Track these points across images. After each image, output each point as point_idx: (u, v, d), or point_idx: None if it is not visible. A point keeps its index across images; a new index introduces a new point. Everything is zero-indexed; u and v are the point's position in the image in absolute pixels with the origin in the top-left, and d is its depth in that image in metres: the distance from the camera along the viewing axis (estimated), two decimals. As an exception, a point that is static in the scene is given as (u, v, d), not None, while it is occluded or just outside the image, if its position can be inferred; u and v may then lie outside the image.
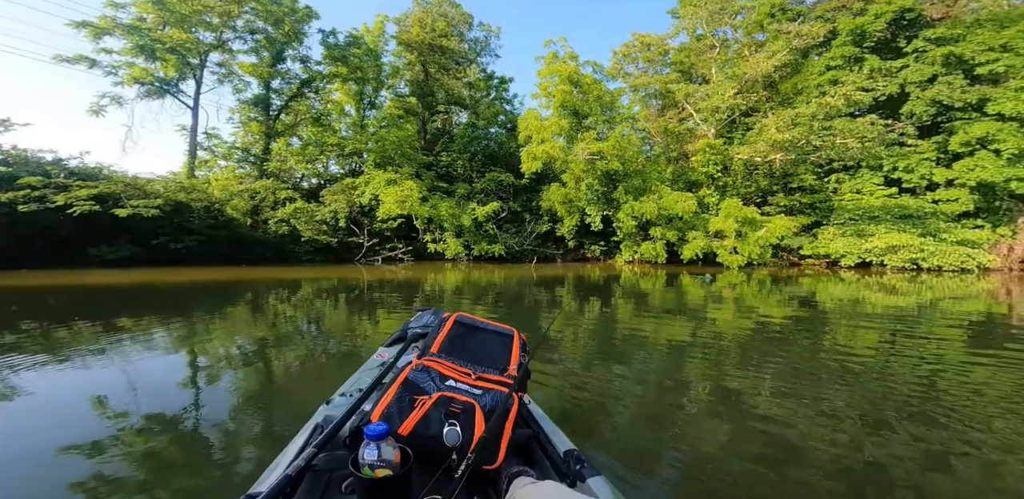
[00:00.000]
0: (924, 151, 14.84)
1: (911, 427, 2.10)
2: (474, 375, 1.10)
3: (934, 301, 7.19)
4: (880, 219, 13.98)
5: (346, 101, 19.85)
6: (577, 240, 17.36)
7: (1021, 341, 4.23)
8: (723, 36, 20.04)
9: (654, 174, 16.84)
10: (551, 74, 17.22)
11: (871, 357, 3.57)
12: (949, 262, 12.59)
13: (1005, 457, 1.83)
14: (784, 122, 15.17)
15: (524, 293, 8.42)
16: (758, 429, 2.08)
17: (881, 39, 16.52)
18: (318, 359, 3.47)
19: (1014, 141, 12.85)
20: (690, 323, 5.18)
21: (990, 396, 2.59)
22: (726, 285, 9.58)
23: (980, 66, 14.37)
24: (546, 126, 17.04)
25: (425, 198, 17.00)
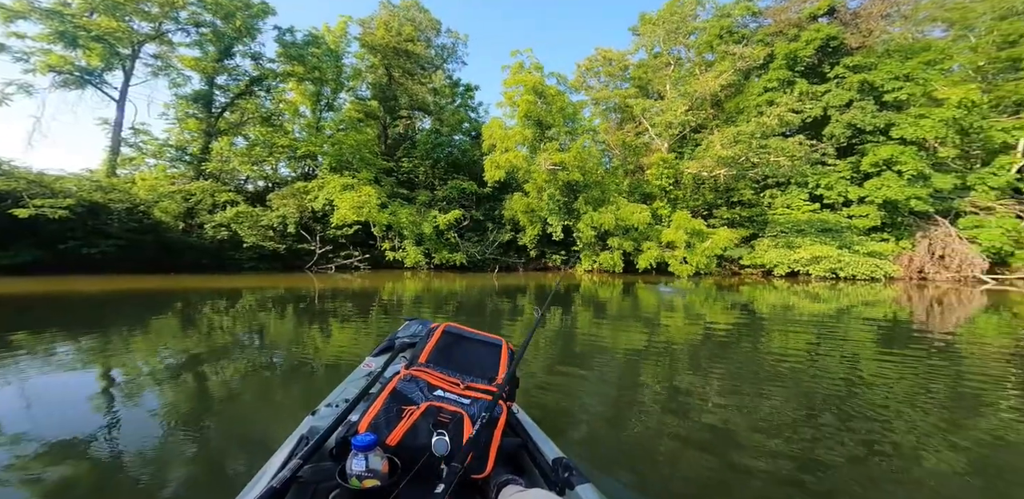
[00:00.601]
0: (841, 170, 16.17)
1: (836, 419, 2.43)
2: (462, 385, 1.09)
3: (850, 307, 7.93)
4: (806, 232, 15.14)
5: (301, 101, 18.88)
6: (539, 249, 17.62)
7: (919, 341, 4.92)
8: (677, 55, 21.07)
9: (612, 186, 17.48)
10: (516, 84, 17.36)
11: (801, 358, 4.00)
12: (861, 272, 13.83)
13: (915, 439, 2.17)
14: (728, 139, 16.32)
15: (486, 302, 8.19)
16: (717, 427, 2.30)
17: (810, 64, 17.89)
18: (260, 374, 3.22)
19: (913, 163, 14.33)
20: (647, 330, 5.44)
21: (898, 389, 3.02)
22: (680, 295, 9.92)
23: (887, 93, 15.80)
24: (510, 135, 17.19)
25: (384, 204, 16.53)
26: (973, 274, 13.82)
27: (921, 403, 2.73)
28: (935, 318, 6.77)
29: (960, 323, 6.38)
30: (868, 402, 2.70)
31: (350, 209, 15.01)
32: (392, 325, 5.59)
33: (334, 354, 3.91)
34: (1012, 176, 15.13)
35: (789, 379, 3.22)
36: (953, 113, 14.14)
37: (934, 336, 5.25)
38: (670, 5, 20.22)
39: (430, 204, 17.90)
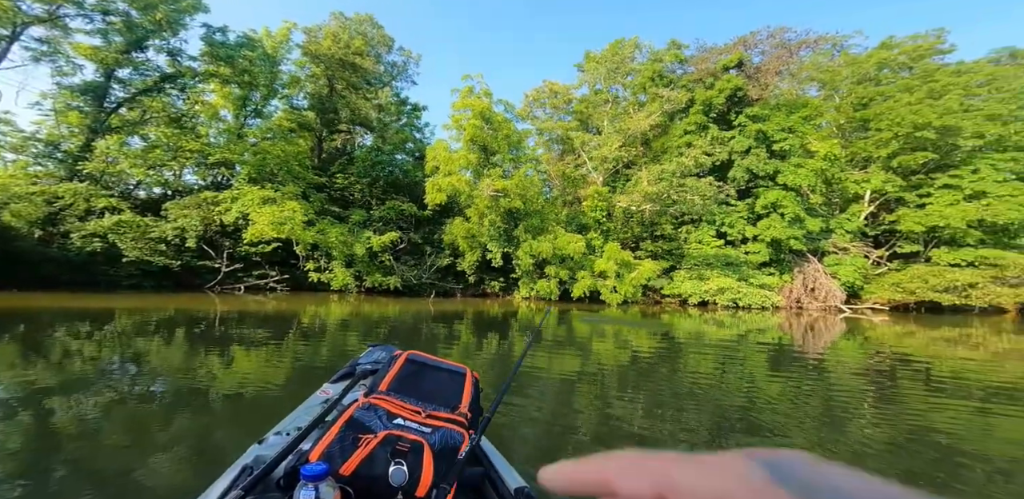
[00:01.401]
0: (741, 210, 18.49)
1: (740, 431, 2.87)
2: (424, 413, 1.06)
3: (747, 332, 9.12)
4: (713, 265, 17.03)
5: (223, 105, 17.00)
6: (478, 275, 17.58)
7: (798, 360, 5.94)
8: (615, 93, 22.56)
9: (551, 215, 18.19)
10: (465, 107, 17.37)
11: (710, 377, 4.61)
12: (755, 301, 15.91)
13: (813, 446, 2.64)
14: (653, 176, 18.09)
15: (421, 328, 7.96)
16: (646, 437, 2.62)
17: (721, 111, 20.02)
18: (139, 408, 2.87)
19: (792, 207, 16.96)
20: (580, 355, 5.78)
21: (785, 402, 3.65)
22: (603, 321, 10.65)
23: (776, 143, 18.01)
24: (455, 158, 17.10)
25: (311, 222, 15.32)
26: (835, 304, 16.65)
27: (801, 411, 3.43)
28: (809, 341, 8.07)
29: (826, 345, 7.65)
30: (761, 412, 3.29)
31: (269, 225, 13.65)
32: (312, 352, 5.22)
33: (235, 384, 3.54)
34: (861, 222, 18.89)
35: (702, 395, 3.73)
36: (821, 165, 17.06)
37: (809, 356, 6.30)
38: (613, 46, 21.83)
39: (365, 224, 17.01)
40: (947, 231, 16.77)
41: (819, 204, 18.75)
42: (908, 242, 18.29)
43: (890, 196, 18.41)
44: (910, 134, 17.19)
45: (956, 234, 16.64)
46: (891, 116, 17.64)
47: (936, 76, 17.80)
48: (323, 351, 5.43)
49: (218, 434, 2.56)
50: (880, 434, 2.87)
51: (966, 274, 15.72)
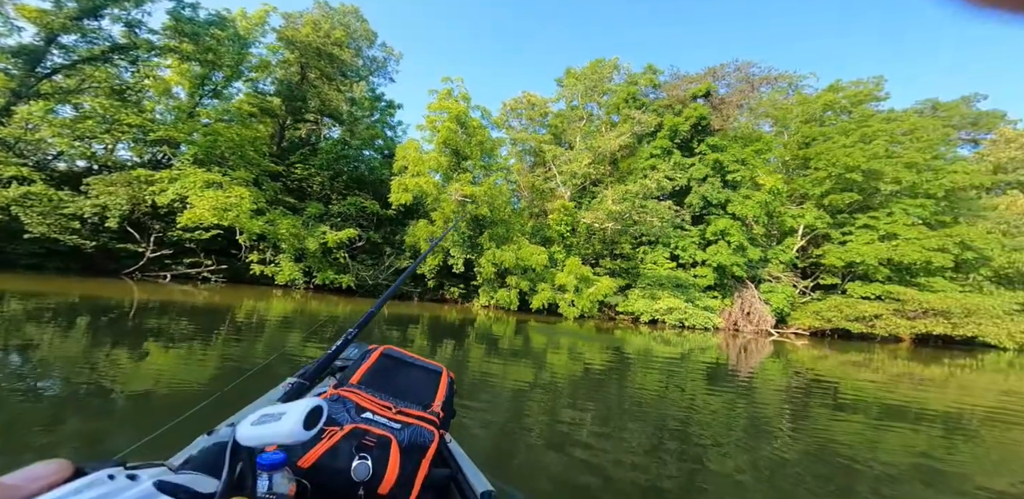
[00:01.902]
0: (693, 235, 19.35)
1: (677, 437, 3.20)
2: (394, 409, 1.02)
3: (690, 350, 9.67)
4: (665, 286, 17.77)
5: (178, 82, 15.61)
6: (438, 280, 17.31)
7: (733, 379, 6.46)
8: (590, 111, 23.12)
9: (517, 225, 18.32)
10: (441, 109, 17.09)
11: (655, 391, 4.94)
12: (699, 322, 16.84)
13: (738, 453, 2.97)
14: (618, 196, 18.82)
15: (373, 330, 7.67)
16: (594, 446, 2.80)
17: (685, 138, 20.86)
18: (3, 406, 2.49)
19: (738, 236, 18.10)
20: (535, 366, 5.93)
21: (719, 415, 4.05)
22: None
23: (729, 173, 18.77)
24: (425, 159, 16.75)
25: (261, 211, 14.40)
26: (766, 328, 18.06)
27: (730, 423, 3.87)
28: (742, 361, 8.73)
29: (756, 365, 8.31)
30: (697, 424, 3.69)
31: (210, 210, 12.61)
32: (245, 349, 4.96)
33: (146, 382, 3.26)
34: (793, 254, 20.76)
35: (648, 408, 4.03)
36: (766, 197, 18.29)
37: (741, 375, 6.88)
38: (593, 64, 22.35)
39: (321, 218, 16.21)
40: (861, 267, 18.78)
41: (760, 235, 20.40)
42: (829, 275, 20.24)
43: (819, 232, 20.34)
44: (841, 175, 18.95)
45: (869, 270, 18.70)
46: (828, 156, 19.37)
47: (869, 122, 19.77)
48: (258, 349, 5.04)
49: (116, 439, 2.30)
50: (794, 444, 3.34)
51: (873, 306, 17.73)
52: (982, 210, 20.41)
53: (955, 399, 5.91)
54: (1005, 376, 9.25)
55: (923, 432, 4.06)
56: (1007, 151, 23.17)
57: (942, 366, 10.36)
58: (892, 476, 2.78)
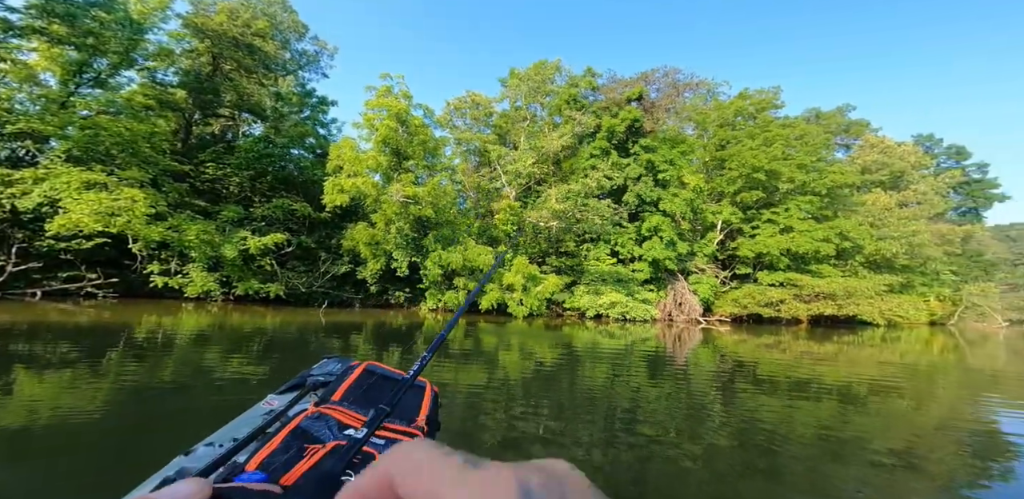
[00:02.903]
0: (630, 232, 20.35)
1: (630, 430, 3.30)
2: None
3: (632, 342, 9.93)
4: (607, 281, 18.41)
5: (47, 68, 12.66)
6: (380, 285, 16.20)
7: (670, 365, 6.85)
8: (534, 111, 23.10)
9: (463, 226, 17.77)
10: (380, 107, 15.95)
11: (604, 383, 5.08)
12: (639, 315, 17.64)
13: (680, 436, 3.20)
14: (561, 195, 19.13)
15: (309, 340, 7.23)
16: (548, 440, 2.86)
17: (621, 140, 21.57)
18: None
19: (669, 231, 19.33)
20: (487, 366, 5.81)
21: (661, 400, 4.34)
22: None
23: (660, 173, 19.79)
24: (362, 159, 15.48)
25: (161, 215, 12.36)
26: (695, 317, 19.55)
27: (670, 406, 4.21)
28: (678, 350, 9.09)
29: (689, 353, 8.72)
30: (641, 410, 3.94)
31: (91, 215, 10.46)
32: (148, 371, 4.36)
33: (20, 415, 2.81)
34: (714, 247, 22.77)
35: (597, 400, 4.16)
36: (691, 195, 19.71)
37: (677, 362, 7.25)
38: (536, 66, 22.25)
39: (241, 223, 14.32)
40: (768, 257, 21.02)
41: (687, 230, 22.03)
42: (743, 265, 22.32)
43: (734, 226, 22.44)
44: (749, 174, 20.90)
45: (773, 260, 21.01)
46: (739, 158, 21.22)
47: (770, 127, 21.99)
48: (165, 371, 4.29)
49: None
50: (724, 424, 3.60)
51: (778, 292, 20.02)
52: (855, 205, 24.01)
53: (845, 373, 6.55)
54: (880, 349, 10.60)
55: (824, 405, 4.45)
56: (871, 155, 27.52)
57: (833, 343, 11.51)
58: (804, 446, 3.06)
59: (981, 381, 6.37)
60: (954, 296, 26.10)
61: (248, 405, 1.39)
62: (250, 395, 3.69)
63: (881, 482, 2.49)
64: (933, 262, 25.02)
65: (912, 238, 23.05)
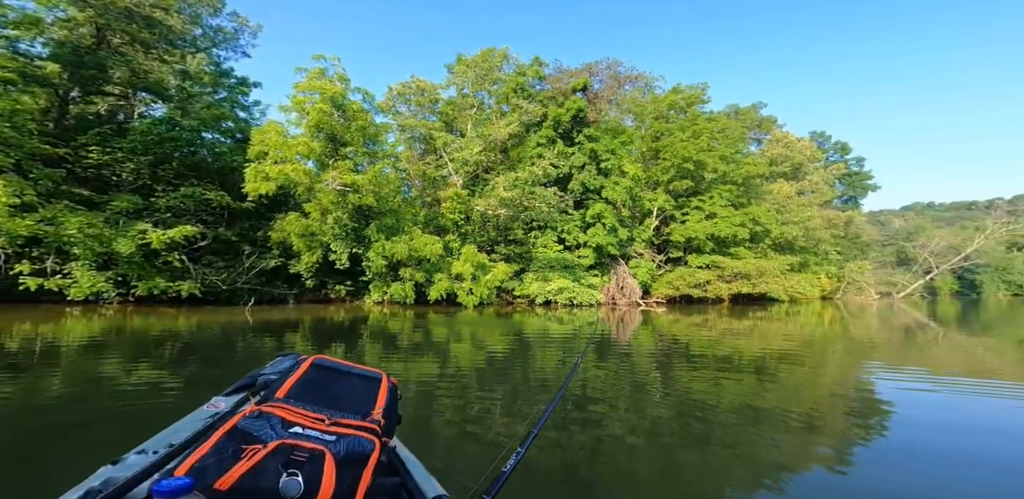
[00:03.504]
0: (576, 219, 20.64)
1: (582, 410, 3.33)
2: (328, 421, 0.92)
3: (580, 326, 10.09)
4: (555, 268, 18.68)
5: None
6: (318, 279, 14.86)
7: (615, 347, 7.01)
8: (481, 99, 22.28)
9: (408, 215, 16.80)
10: (312, 90, 14.40)
11: (555, 367, 5.16)
12: (585, 299, 18.12)
13: (627, 413, 3.31)
14: (509, 182, 18.84)
15: (235, 343, 6.53)
16: (500, 431, 2.82)
17: (566, 129, 21.63)
18: None
19: (611, 218, 19.96)
20: (438, 359, 5.63)
21: (611, 382, 4.47)
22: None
23: (602, 162, 19.89)
24: (292, 144, 13.79)
25: (30, 206, 10.10)
26: (635, 300, 20.65)
27: (616, 386, 4.35)
28: (621, 332, 9.38)
29: (631, 334, 9.05)
30: (594, 390, 4.02)
31: None
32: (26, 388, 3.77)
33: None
34: (650, 233, 24.20)
35: (550, 384, 4.20)
36: (630, 184, 20.49)
37: (621, 344, 7.44)
38: (484, 53, 21.31)
39: (139, 214, 12.19)
40: (696, 242, 22.76)
41: (627, 217, 23.08)
42: (676, 249, 23.99)
43: (667, 213, 23.97)
44: (680, 165, 22.22)
45: (700, 244, 22.80)
46: (671, 149, 22.42)
47: (698, 121, 23.42)
48: (51, 384, 3.72)
49: None
50: (664, 400, 3.79)
51: (704, 274, 21.83)
52: (764, 194, 26.80)
53: (759, 346, 7.15)
54: (784, 323, 11.84)
55: (743, 376, 4.76)
56: (777, 148, 30.76)
57: (749, 319, 12.51)
58: (730, 414, 3.27)
59: (861, 348, 7.28)
60: (839, 273, 30.52)
61: (175, 411, 1.29)
62: (164, 401, 3.27)
63: (791, 443, 2.70)
64: (823, 244, 28.88)
65: (808, 223, 26.35)
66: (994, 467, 2.33)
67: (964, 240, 39.46)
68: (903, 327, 11.13)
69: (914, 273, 38.50)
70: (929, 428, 2.96)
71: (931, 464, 2.36)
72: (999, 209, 46.18)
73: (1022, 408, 3.52)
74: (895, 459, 2.40)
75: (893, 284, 35.43)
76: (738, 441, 2.71)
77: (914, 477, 2.19)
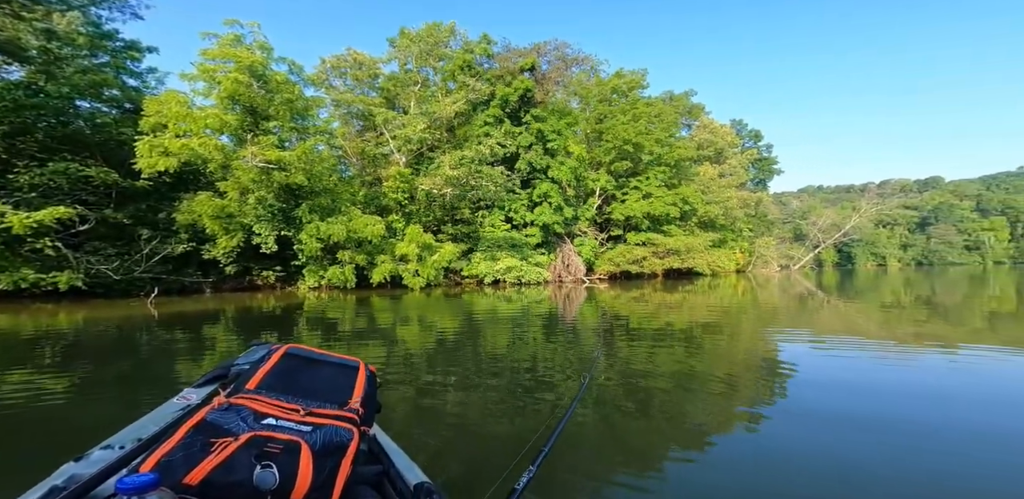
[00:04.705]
0: (523, 198, 20.20)
1: (534, 386, 3.29)
2: (304, 411, 0.87)
3: (528, 305, 9.85)
4: (503, 247, 18.22)
5: None
6: (240, 265, 13.04)
7: (564, 323, 7.00)
8: (426, 75, 20.57)
9: (346, 195, 15.11)
10: (225, 58, 12.27)
11: (506, 346, 4.97)
12: (533, 278, 18.01)
13: (576, 386, 3.16)
14: (455, 161, 17.75)
15: (137, 340, 5.63)
16: (458, 413, 2.73)
17: (514, 108, 20.83)
18: None
19: (557, 198, 19.84)
20: (385, 344, 5.24)
21: (561, 358, 4.38)
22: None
23: (549, 142, 19.43)
24: (199, 117, 11.65)
25: None
26: (580, 277, 21.06)
27: (562, 360, 4.27)
28: (568, 308, 9.24)
29: (577, 310, 8.92)
30: (544, 367, 3.94)
31: None
32: None
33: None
34: (594, 212, 24.64)
35: (502, 362, 4.08)
36: (575, 164, 20.37)
37: (568, 320, 7.38)
38: (430, 27, 19.41)
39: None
40: (634, 220, 23.64)
41: (572, 196, 23.14)
42: (616, 227, 24.75)
43: (609, 193, 24.44)
44: (621, 146, 22.52)
45: (637, 222, 23.71)
46: (613, 131, 22.56)
47: (637, 105, 23.67)
48: None
49: None
50: (610, 371, 3.76)
51: (641, 250, 22.78)
52: (692, 176, 28.35)
53: (687, 318, 7.33)
54: (708, 296, 12.47)
55: (675, 347, 4.86)
56: (704, 134, 32.47)
57: (679, 293, 12.88)
58: (666, 382, 3.39)
59: (767, 316, 7.76)
60: (750, 249, 33.79)
61: None
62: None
63: (715, 405, 2.87)
64: (739, 222, 31.60)
65: (727, 203, 28.46)
66: (871, 419, 2.53)
67: (844, 218, 45.65)
68: (798, 296, 12.32)
69: (806, 247, 43.97)
70: (822, 385, 3.25)
71: (825, 417, 2.56)
72: (870, 192, 53.93)
73: (884, 361, 4.01)
74: (798, 414, 2.59)
75: (791, 257, 40.18)
76: (672, 405, 2.87)
77: (813, 430, 2.37)
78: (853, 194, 62.16)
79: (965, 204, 61.05)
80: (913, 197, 58.11)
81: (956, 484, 1.74)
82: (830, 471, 1.85)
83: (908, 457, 1.96)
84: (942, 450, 2.03)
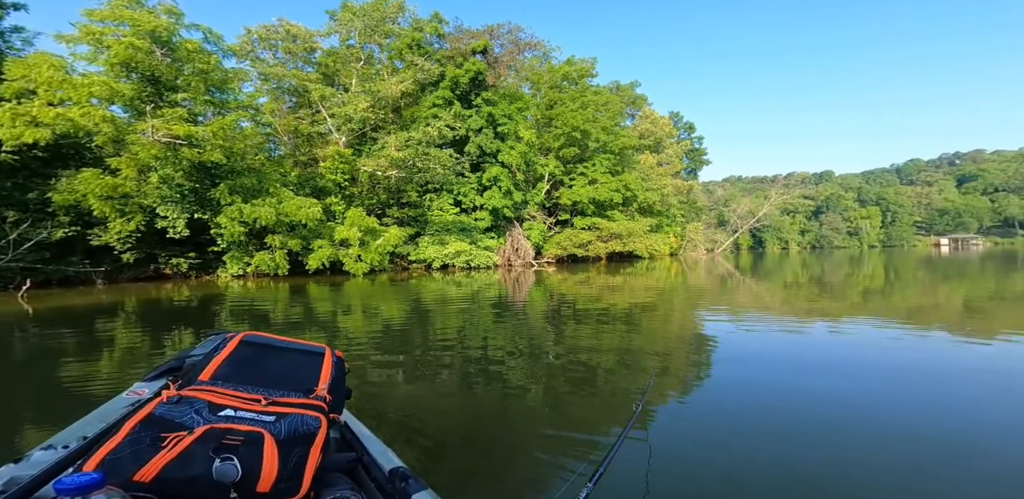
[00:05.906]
0: (472, 182, 19.51)
1: (485, 370, 3.25)
2: (265, 401, 0.82)
3: (478, 289, 9.59)
4: (452, 231, 17.66)
5: None
6: (142, 251, 11.20)
7: (513, 307, 6.86)
8: (370, 52, 18.73)
9: (275, 175, 13.43)
10: (117, 20, 10.33)
11: (456, 332, 4.87)
12: (482, 262, 17.74)
13: (527, 367, 3.31)
14: (401, 142, 16.40)
15: (11, 342, 4.74)
16: (413, 395, 2.69)
17: (464, 91, 19.74)
18: None
19: (506, 182, 19.37)
20: (325, 335, 4.81)
21: (510, 341, 4.34)
22: None
23: (499, 126, 19.05)
24: (81, 84, 9.69)
25: None
26: (529, 260, 21.06)
27: (513, 343, 4.23)
28: (516, 292, 9.14)
29: (526, 294, 8.85)
30: (494, 351, 3.85)
31: None
32: None
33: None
34: (543, 196, 24.62)
35: (452, 349, 3.95)
36: (525, 149, 19.93)
37: (517, 304, 7.26)
38: (376, 2, 17.36)
39: None
40: (580, 205, 24.12)
41: (521, 180, 22.89)
42: (564, 212, 25.14)
43: (557, 178, 24.52)
44: (569, 133, 22.41)
45: (583, 207, 24.22)
46: (562, 118, 22.32)
47: (586, 93, 23.57)
48: None
49: None
50: (557, 351, 3.86)
51: (587, 235, 23.35)
52: (634, 163, 29.36)
53: (628, 299, 7.35)
54: (646, 278, 12.44)
55: (617, 326, 5.00)
56: (645, 124, 33.58)
57: (621, 276, 13.11)
58: (609, 360, 3.50)
59: (696, 296, 8.23)
60: (682, 233, 36.30)
61: None
62: None
63: (652, 380, 2.96)
64: (673, 208, 33.66)
65: (663, 190, 30.05)
66: (776, 385, 2.83)
67: (757, 206, 50.70)
68: (720, 277, 13.37)
69: (727, 232, 48.35)
70: (744, 359, 3.50)
71: (747, 387, 2.80)
72: (778, 183, 60.27)
73: (786, 335, 4.43)
74: (724, 386, 2.83)
75: (715, 241, 43.96)
76: (614, 383, 2.96)
77: (738, 399, 2.58)
78: (766, 184, 69.01)
79: (849, 195, 70.73)
80: (810, 188, 65.94)
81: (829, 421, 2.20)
82: (747, 428, 2.16)
83: (805, 412, 2.37)
84: (829, 402, 2.49)
